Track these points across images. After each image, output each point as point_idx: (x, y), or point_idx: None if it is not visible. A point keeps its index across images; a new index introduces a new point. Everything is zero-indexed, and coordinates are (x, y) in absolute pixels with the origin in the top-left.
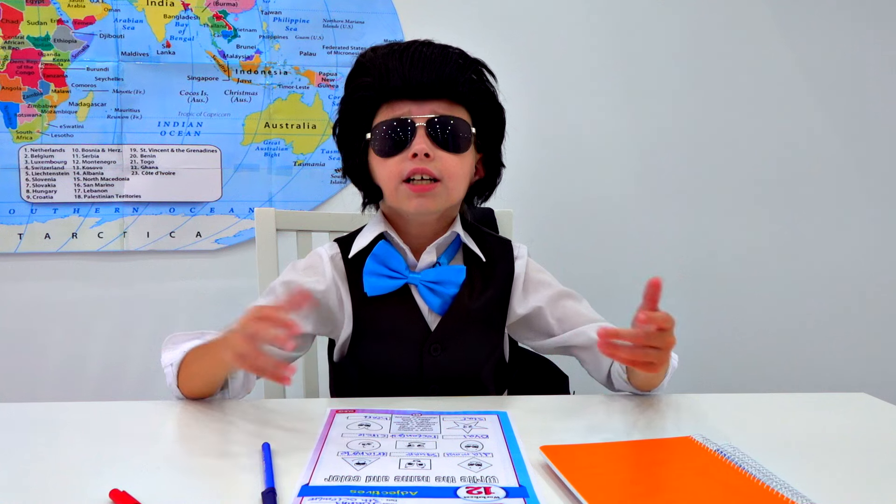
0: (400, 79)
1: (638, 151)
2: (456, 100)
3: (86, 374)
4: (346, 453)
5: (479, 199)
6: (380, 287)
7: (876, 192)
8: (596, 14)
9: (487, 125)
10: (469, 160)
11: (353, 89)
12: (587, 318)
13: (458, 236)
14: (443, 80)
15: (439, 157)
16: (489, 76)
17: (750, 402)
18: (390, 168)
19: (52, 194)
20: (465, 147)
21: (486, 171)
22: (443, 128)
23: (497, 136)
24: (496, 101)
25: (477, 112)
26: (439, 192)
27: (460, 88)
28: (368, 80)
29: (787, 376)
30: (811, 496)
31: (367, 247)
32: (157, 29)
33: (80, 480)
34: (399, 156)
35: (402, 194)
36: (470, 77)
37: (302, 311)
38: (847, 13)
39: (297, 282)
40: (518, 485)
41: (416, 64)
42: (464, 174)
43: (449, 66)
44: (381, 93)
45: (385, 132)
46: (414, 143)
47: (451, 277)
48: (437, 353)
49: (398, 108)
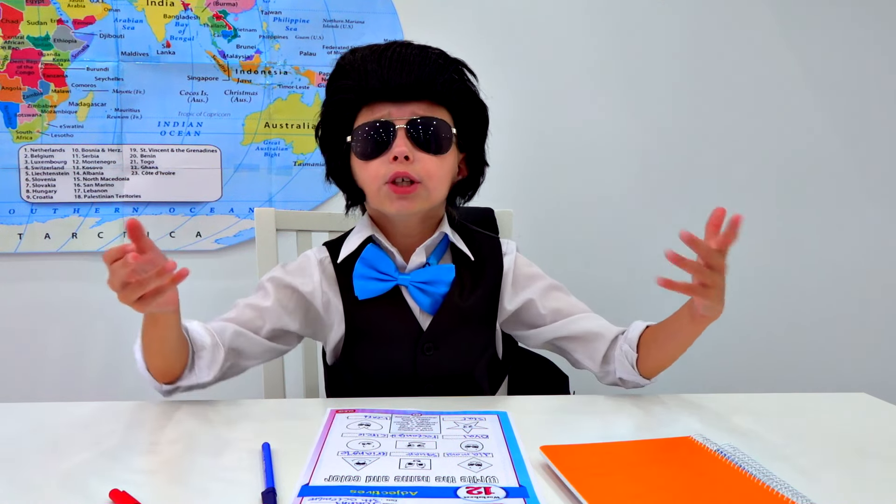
0: (379, 81)
1: (638, 151)
2: (436, 100)
3: (86, 374)
4: (346, 453)
5: (461, 198)
6: (370, 290)
7: (876, 192)
8: (596, 13)
9: (469, 124)
10: (450, 161)
11: (333, 91)
12: (579, 309)
13: (446, 236)
14: (422, 81)
15: (419, 159)
16: (470, 75)
17: (750, 402)
18: (372, 171)
19: (52, 194)
20: (447, 148)
21: (470, 170)
22: (424, 129)
23: (480, 135)
24: (477, 99)
25: (458, 112)
26: (420, 194)
27: (440, 89)
28: (348, 82)
29: (787, 376)
30: (811, 496)
31: (355, 250)
32: (157, 29)
33: (80, 480)
34: (380, 158)
35: (384, 196)
36: (450, 77)
37: (289, 308)
38: (848, 13)
39: (282, 279)
40: (518, 485)
41: (395, 65)
42: (444, 175)
43: (428, 67)
44: (360, 95)
45: (365, 135)
46: (394, 146)
47: (441, 277)
48: (430, 352)
49: (378, 111)
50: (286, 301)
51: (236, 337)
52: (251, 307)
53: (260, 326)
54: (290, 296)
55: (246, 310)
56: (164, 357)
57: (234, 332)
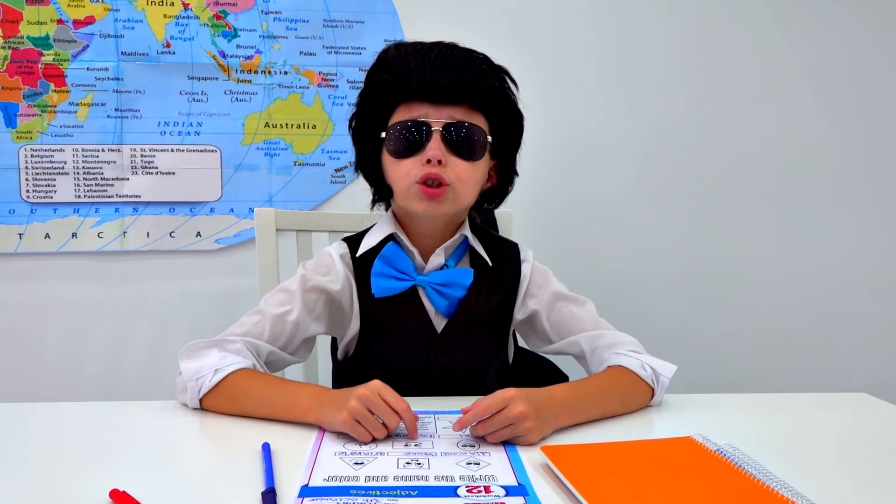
0: (420, 80)
1: (639, 152)
2: (475, 106)
3: (86, 374)
4: (344, 453)
5: (488, 205)
6: (387, 288)
7: (877, 193)
8: (598, 15)
9: (505, 133)
10: (482, 167)
11: (372, 85)
12: (583, 325)
13: (466, 239)
14: (464, 86)
15: (452, 164)
16: (511, 84)
17: (750, 402)
18: (403, 169)
19: (52, 194)
20: (480, 154)
21: (499, 178)
22: (458, 133)
23: (513, 145)
24: (516, 109)
25: (495, 119)
26: (448, 197)
27: (481, 95)
28: (388, 77)
29: (787, 376)
30: (811, 496)
31: (375, 247)
32: (157, 29)
33: (80, 480)
34: (412, 158)
35: (414, 195)
36: (492, 84)
37: (315, 312)
38: (849, 13)
39: (314, 280)
40: (517, 483)
41: (438, 66)
42: (475, 181)
43: (471, 72)
44: (399, 92)
45: (400, 133)
46: (428, 148)
47: (459, 280)
48: (442, 354)
49: (416, 110)
50: (312, 305)
51: (268, 355)
52: (280, 320)
53: (288, 342)
54: (317, 299)
55: (276, 324)
56: (245, 412)
57: (268, 353)
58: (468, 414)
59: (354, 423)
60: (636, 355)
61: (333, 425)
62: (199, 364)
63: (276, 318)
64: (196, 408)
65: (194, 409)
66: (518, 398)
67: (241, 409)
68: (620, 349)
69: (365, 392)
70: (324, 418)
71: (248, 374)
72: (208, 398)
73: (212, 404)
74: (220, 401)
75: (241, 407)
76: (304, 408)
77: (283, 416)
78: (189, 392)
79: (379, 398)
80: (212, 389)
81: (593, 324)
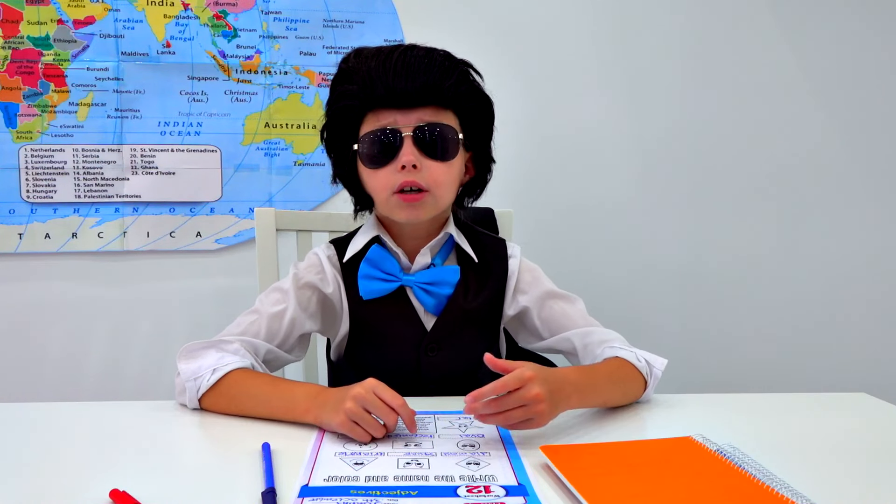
0: (384, 87)
1: (639, 152)
2: (443, 105)
3: (86, 374)
4: (344, 454)
5: (469, 198)
6: (375, 290)
7: (877, 193)
8: (597, 14)
9: (476, 124)
10: (457, 165)
11: (338, 97)
12: (573, 322)
13: (451, 237)
14: (428, 87)
15: (427, 167)
16: (476, 75)
17: (750, 402)
18: (380, 180)
19: (52, 194)
20: (454, 153)
21: (477, 168)
22: (430, 134)
23: (486, 134)
24: (483, 98)
25: (465, 113)
26: (427, 202)
27: (446, 93)
28: (353, 87)
29: (787, 376)
30: (811, 496)
31: (361, 250)
32: (157, 29)
33: (80, 480)
34: (388, 167)
35: (394, 205)
36: (456, 80)
37: (309, 310)
38: (849, 13)
39: (307, 278)
40: (517, 483)
41: (400, 72)
42: (452, 181)
43: (434, 72)
44: (365, 102)
45: (372, 143)
46: (402, 154)
47: (446, 278)
48: (433, 353)
49: (384, 118)
50: (306, 303)
51: (266, 354)
52: (276, 318)
53: (285, 339)
54: (311, 296)
55: (272, 323)
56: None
57: (265, 351)
58: (486, 387)
59: (352, 424)
60: (630, 349)
61: (332, 427)
62: (197, 364)
63: (273, 317)
64: (195, 408)
65: (194, 410)
66: (536, 380)
67: (239, 408)
68: (612, 345)
69: (360, 392)
70: (322, 419)
71: (247, 374)
72: (207, 398)
73: (210, 404)
74: (218, 400)
75: (240, 407)
76: (302, 408)
77: (281, 416)
78: (188, 392)
79: (374, 396)
80: (210, 389)
81: (584, 321)
